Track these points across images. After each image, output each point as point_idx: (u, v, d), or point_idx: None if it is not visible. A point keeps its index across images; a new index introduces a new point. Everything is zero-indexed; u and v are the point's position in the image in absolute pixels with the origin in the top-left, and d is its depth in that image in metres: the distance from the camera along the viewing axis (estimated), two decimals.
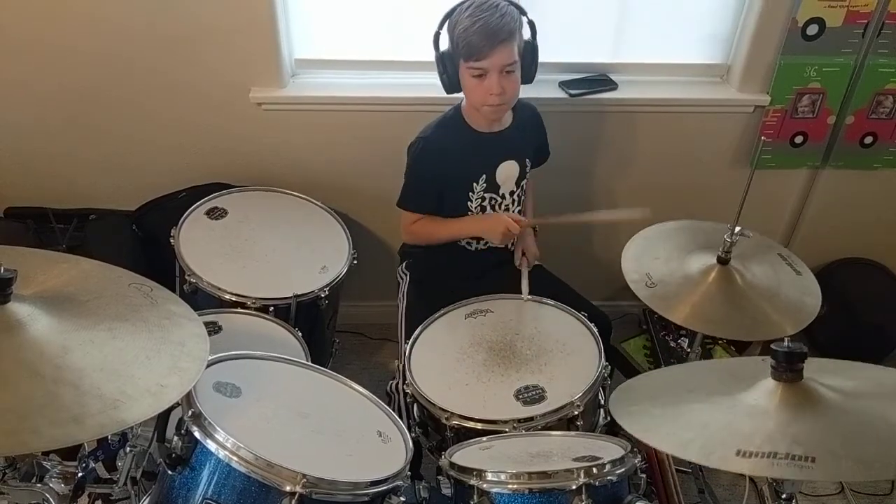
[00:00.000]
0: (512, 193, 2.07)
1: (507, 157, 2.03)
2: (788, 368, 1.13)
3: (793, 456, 1.03)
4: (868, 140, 2.44)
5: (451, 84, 1.92)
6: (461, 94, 1.96)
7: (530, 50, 1.90)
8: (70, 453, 1.36)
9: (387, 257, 2.26)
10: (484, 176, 2.01)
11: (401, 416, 1.79)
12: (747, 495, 2.25)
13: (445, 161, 1.98)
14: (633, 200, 2.57)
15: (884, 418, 1.10)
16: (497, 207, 2.07)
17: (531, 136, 2.10)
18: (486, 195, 2.04)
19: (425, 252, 2.14)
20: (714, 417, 1.18)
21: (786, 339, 1.16)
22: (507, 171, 2.04)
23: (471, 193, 2.02)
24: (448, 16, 1.86)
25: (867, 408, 1.12)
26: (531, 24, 1.90)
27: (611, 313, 2.70)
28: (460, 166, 1.99)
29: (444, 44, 1.89)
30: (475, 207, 2.05)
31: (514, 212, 2.09)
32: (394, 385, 2.00)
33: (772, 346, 1.15)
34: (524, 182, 2.09)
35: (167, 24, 2.15)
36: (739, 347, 2.38)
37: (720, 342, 2.38)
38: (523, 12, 1.87)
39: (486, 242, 2.10)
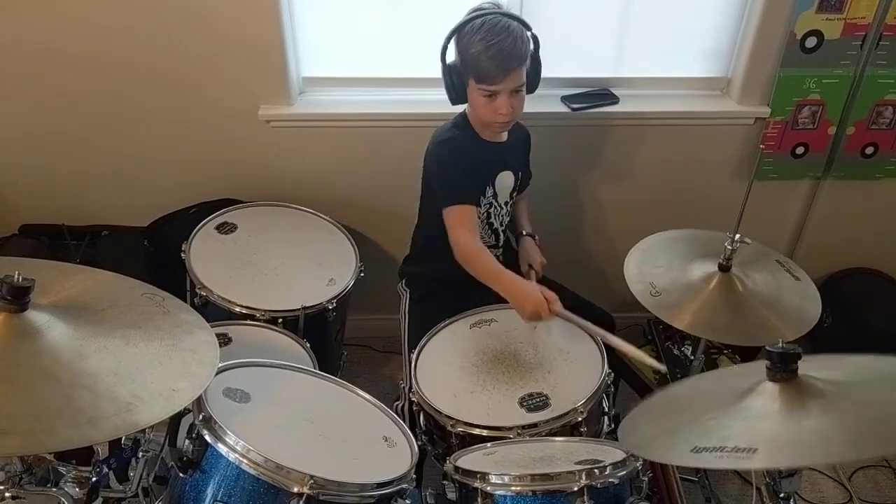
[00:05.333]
0: (506, 203, 2.11)
1: (506, 167, 2.07)
2: (783, 368, 1.16)
3: (737, 448, 1.07)
4: (869, 150, 2.47)
5: (458, 97, 1.94)
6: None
7: (534, 63, 1.93)
8: (85, 459, 1.40)
9: (393, 271, 2.29)
10: (490, 182, 2.05)
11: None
12: None
13: (467, 160, 1.97)
14: (636, 212, 2.60)
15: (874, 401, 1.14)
16: (496, 215, 2.10)
17: (523, 150, 2.15)
18: (492, 201, 2.07)
19: (424, 268, 2.17)
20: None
21: (780, 340, 1.18)
22: (505, 181, 2.08)
23: (482, 198, 2.04)
24: (457, 30, 1.86)
25: (861, 394, 1.16)
26: (534, 39, 1.91)
27: (616, 325, 2.73)
28: (476, 169, 2.01)
29: (451, 56, 1.91)
30: (483, 213, 2.07)
31: (504, 220, 2.13)
32: (399, 407, 2.01)
33: (766, 347, 1.18)
34: (515, 193, 2.12)
35: (178, 44, 2.21)
36: (745, 357, 2.39)
37: (725, 352, 2.39)
38: (528, 27, 1.89)
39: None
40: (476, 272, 1.88)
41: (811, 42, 2.26)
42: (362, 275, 2.19)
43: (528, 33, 1.89)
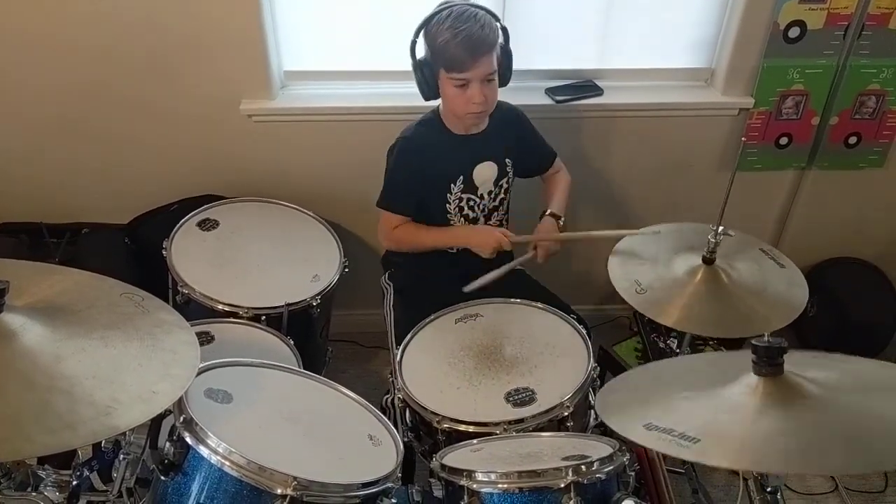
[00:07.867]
0: (490, 193, 2.10)
1: (484, 158, 2.05)
2: (769, 363, 1.15)
3: (683, 435, 1.07)
4: (852, 140, 2.48)
5: (430, 91, 1.94)
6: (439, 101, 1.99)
7: (505, 55, 1.93)
8: (65, 463, 1.38)
9: (378, 266, 2.28)
10: (461, 177, 2.04)
11: (396, 427, 1.79)
12: (741, 496, 2.26)
13: (423, 160, 2.00)
14: (621, 204, 2.60)
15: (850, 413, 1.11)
16: (476, 208, 2.09)
17: (510, 135, 2.10)
18: (463, 196, 2.06)
19: (408, 261, 2.15)
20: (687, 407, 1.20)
21: (766, 334, 1.17)
22: (485, 173, 2.06)
23: (448, 195, 2.05)
24: (425, 24, 1.87)
25: (843, 402, 1.14)
26: (504, 30, 1.92)
27: (601, 317, 2.74)
28: (438, 166, 2.01)
29: (421, 51, 1.91)
30: (453, 208, 2.07)
31: (492, 212, 2.12)
32: (388, 400, 2.00)
33: (752, 341, 1.17)
34: (504, 181, 2.10)
35: (158, 38, 2.17)
36: (729, 348, 2.39)
37: (710, 343, 2.39)
38: (497, 19, 1.90)
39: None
40: (422, 244, 2.07)
41: (794, 32, 2.26)
42: (347, 270, 2.17)
43: (497, 23, 1.89)
